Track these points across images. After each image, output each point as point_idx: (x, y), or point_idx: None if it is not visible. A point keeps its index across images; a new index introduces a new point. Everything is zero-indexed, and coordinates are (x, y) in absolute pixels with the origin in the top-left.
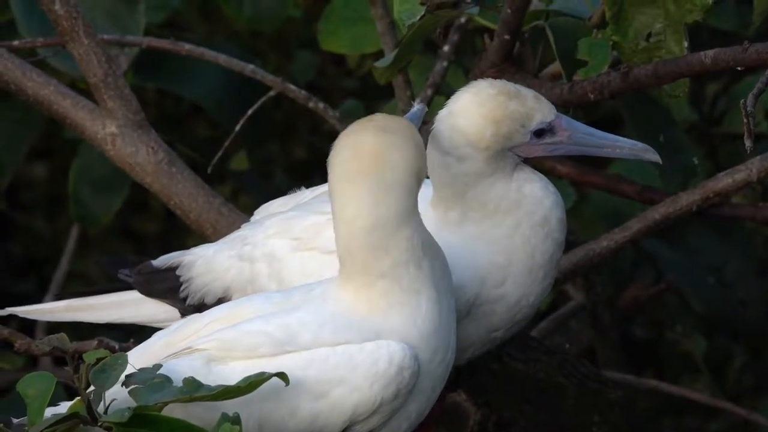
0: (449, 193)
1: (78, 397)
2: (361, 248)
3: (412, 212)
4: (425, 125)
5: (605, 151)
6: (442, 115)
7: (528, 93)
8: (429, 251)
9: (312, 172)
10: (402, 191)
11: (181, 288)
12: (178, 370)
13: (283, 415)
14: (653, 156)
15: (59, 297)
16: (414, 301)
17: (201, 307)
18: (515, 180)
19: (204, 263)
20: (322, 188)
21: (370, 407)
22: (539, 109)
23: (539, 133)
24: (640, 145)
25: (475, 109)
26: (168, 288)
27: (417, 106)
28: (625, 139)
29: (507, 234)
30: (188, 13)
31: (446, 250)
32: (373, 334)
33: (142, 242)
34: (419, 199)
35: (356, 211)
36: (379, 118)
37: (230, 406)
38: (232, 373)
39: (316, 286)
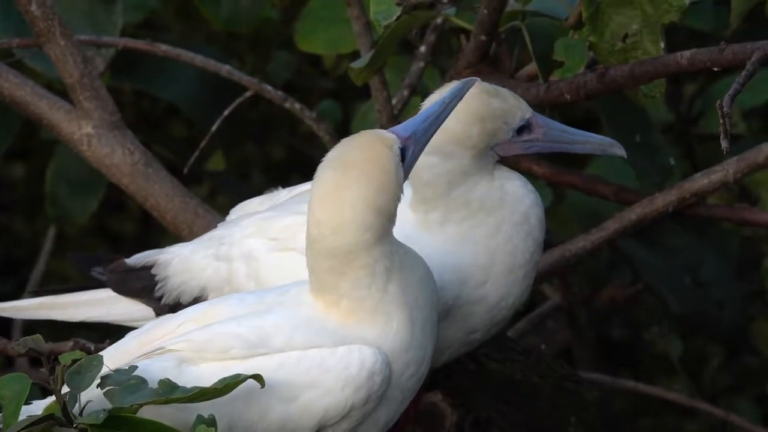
0: (431, 194)
1: (53, 399)
2: (322, 269)
3: (373, 243)
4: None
5: (577, 147)
6: None
7: (505, 91)
8: (400, 273)
9: (289, 172)
10: (358, 227)
11: (157, 287)
12: (150, 370)
13: (253, 417)
14: (619, 150)
15: (34, 294)
16: (382, 320)
17: (176, 306)
18: (497, 178)
19: (180, 262)
20: (299, 188)
21: (341, 411)
22: (519, 107)
23: (520, 130)
24: (607, 140)
25: (461, 107)
26: (143, 287)
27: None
28: (595, 135)
29: (489, 234)
30: (165, 14)
31: (426, 253)
32: (346, 339)
33: (119, 242)
34: None
35: (316, 236)
36: (354, 145)
37: (200, 407)
38: (204, 375)
39: (290, 288)
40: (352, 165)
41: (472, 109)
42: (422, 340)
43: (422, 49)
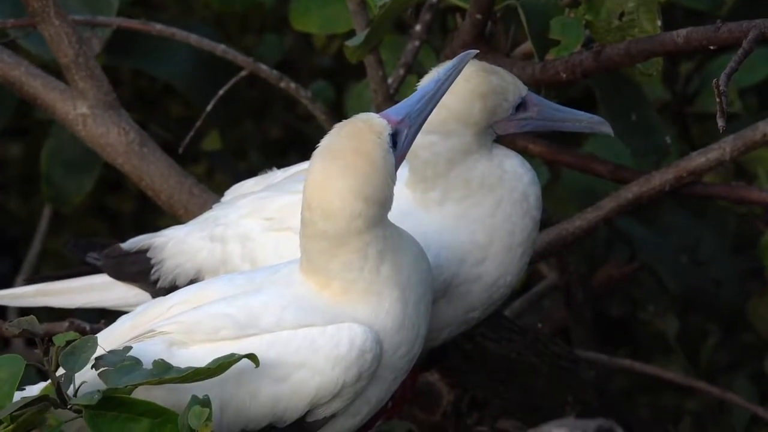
0: (430, 173)
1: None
2: (313, 250)
3: (365, 229)
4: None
5: (567, 126)
6: None
7: (501, 69)
8: (393, 254)
9: (286, 150)
10: (347, 215)
11: (152, 270)
12: (141, 353)
13: (244, 398)
14: (606, 128)
15: (29, 281)
16: (374, 300)
17: (172, 289)
18: (496, 156)
19: (175, 245)
20: (294, 168)
21: (332, 390)
22: (516, 84)
23: (518, 107)
24: (595, 118)
25: (462, 84)
26: (138, 271)
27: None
28: (583, 113)
29: (489, 212)
30: None
31: (423, 231)
32: (337, 318)
33: (116, 221)
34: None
35: (308, 220)
36: (343, 133)
37: (192, 388)
38: (194, 356)
39: (281, 268)
40: (340, 155)
41: (472, 86)
42: (415, 320)
43: (417, 28)
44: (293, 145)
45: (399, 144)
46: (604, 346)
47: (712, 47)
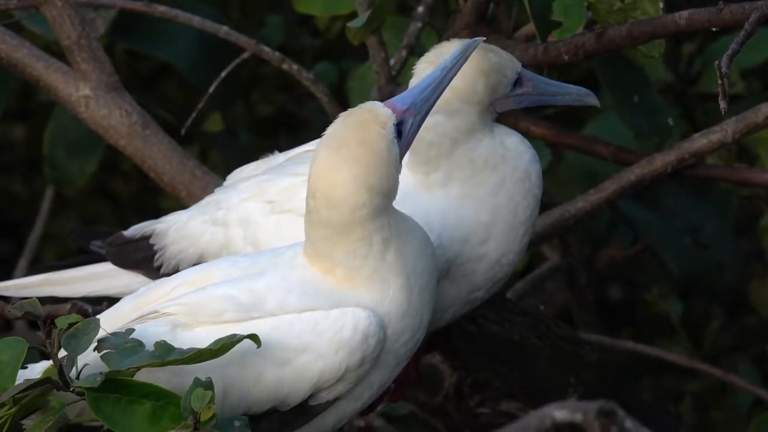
0: (434, 154)
1: (49, 362)
2: (317, 237)
3: (369, 218)
4: (399, 87)
5: (559, 99)
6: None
7: (495, 47)
8: (398, 240)
9: (277, 130)
10: (351, 205)
11: (156, 256)
12: (144, 335)
13: (247, 381)
14: (592, 99)
15: (33, 268)
16: (379, 287)
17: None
18: (497, 135)
19: (177, 230)
20: (295, 151)
21: (335, 374)
22: (512, 60)
23: (516, 83)
24: (583, 90)
25: (466, 64)
26: (142, 258)
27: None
28: (573, 86)
29: (492, 191)
30: None
31: (426, 212)
32: (341, 302)
33: (118, 203)
34: None
35: (312, 207)
36: (348, 123)
37: (195, 371)
38: (198, 338)
39: (285, 251)
40: (344, 145)
41: (475, 64)
42: (419, 308)
43: (420, 9)
44: (283, 125)
45: (404, 133)
46: (606, 328)
47: (714, 29)
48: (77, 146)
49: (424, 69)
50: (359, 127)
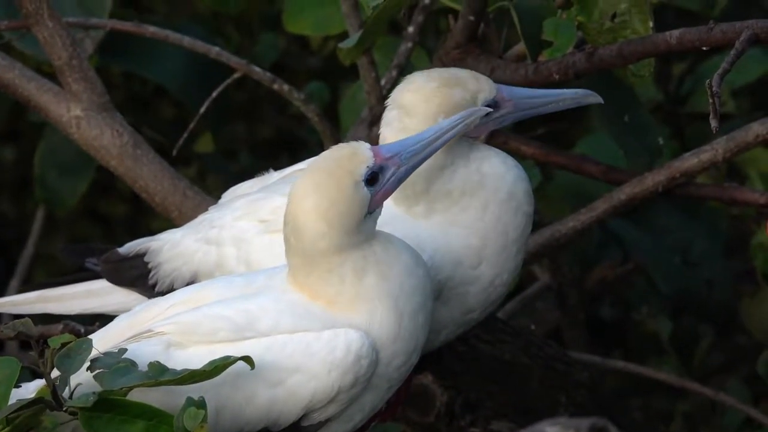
0: (410, 192)
1: (42, 380)
2: (292, 265)
3: (331, 251)
4: (374, 127)
5: (550, 108)
6: (390, 118)
7: (465, 75)
8: (377, 266)
9: (278, 152)
10: (311, 235)
11: (150, 274)
12: (138, 354)
13: (240, 401)
14: (594, 98)
15: (25, 287)
16: (366, 310)
17: (171, 292)
18: (473, 161)
19: (171, 248)
20: (289, 170)
21: (328, 395)
22: (481, 89)
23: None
24: (581, 91)
25: (422, 107)
26: (137, 276)
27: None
28: (566, 90)
29: (477, 216)
30: None
31: (417, 235)
32: (334, 323)
33: (109, 224)
34: None
35: (285, 234)
36: (327, 155)
37: (188, 390)
38: (191, 358)
39: (280, 271)
40: (317, 174)
41: (434, 106)
42: (413, 330)
43: (410, 29)
44: (284, 146)
45: (381, 179)
46: (596, 347)
47: (705, 48)
48: (68, 167)
49: (393, 117)
50: (335, 161)
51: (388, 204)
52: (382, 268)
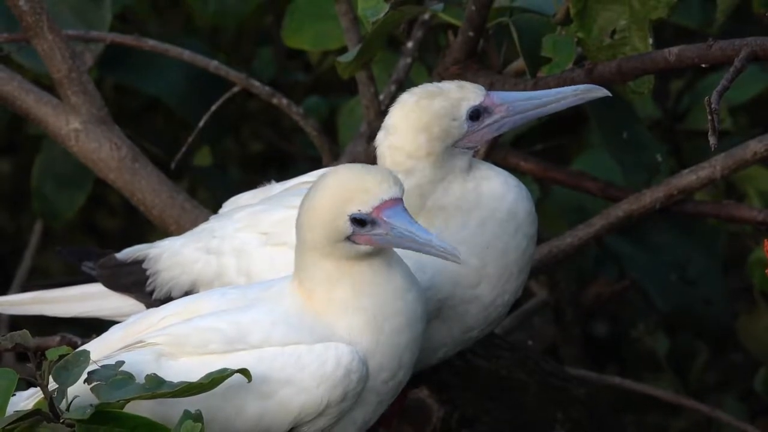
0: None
1: (37, 390)
2: (297, 263)
3: (317, 256)
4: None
5: (551, 108)
6: (380, 137)
7: (450, 85)
8: (361, 286)
9: (267, 167)
10: (305, 246)
11: (148, 282)
12: (129, 364)
13: (230, 413)
14: (599, 91)
15: (24, 289)
16: (345, 320)
17: (168, 301)
18: (471, 179)
19: (170, 256)
20: (291, 182)
21: (317, 408)
22: (464, 97)
23: (474, 117)
24: (582, 86)
25: (403, 123)
26: (133, 282)
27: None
28: (566, 88)
29: (475, 233)
30: (141, 9)
31: (415, 254)
32: (325, 336)
33: (105, 238)
34: None
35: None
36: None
37: (179, 402)
38: (182, 369)
39: (274, 284)
40: (306, 198)
41: (412, 121)
42: (394, 349)
43: (409, 45)
44: (273, 161)
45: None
46: (593, 363)
47: (703, 65)
48: (66, 179)
49: (380, 137)
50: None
51: None
52: (361, 283)
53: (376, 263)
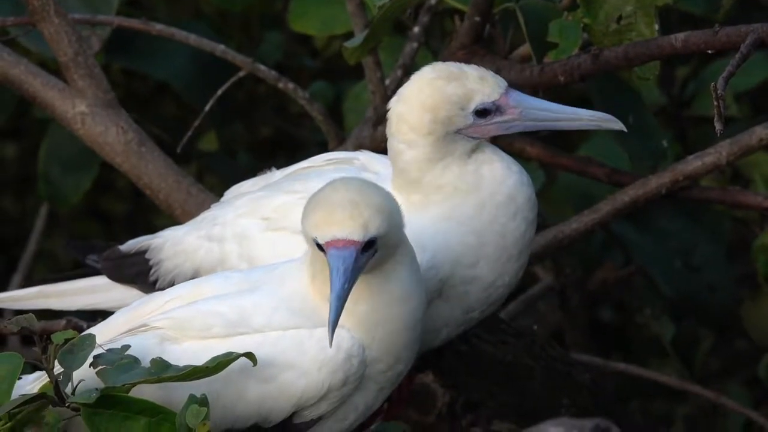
0: (407, 179)
1: (43, 373)
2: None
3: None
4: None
5: (562, 124)
6: (392, 102)
7: (472, 73)
8: (370, 295)
9: (275, 152)
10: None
11: (151, 271)
12: (132, 348)
13: (231, 397)
14: (616, 124)
15: (28, 284)
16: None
17: None
18: (473, 162)
19: (173, 245)
20: (292, 168)
21: (318, 393)
22: (480, 90)
23: (482, 114)
24: (599, 114)
25: (414, 95)
26: (137, 272)
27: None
28: (584, 110)
29: (473, 213)
30: None
31: (419, 233)
32: (326, 321)
33: (110, 222)
34: (383, 181)
35: None
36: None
37: (180, 385)
38: (185, 352)
39: (277, 267)
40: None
41: (423, 97)
42: (389, 346)
43: (416, 30)
44: (282, 146)
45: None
46: (598, 349)
47: (709, 51)
48: (72, 163)
49: (391, 103)
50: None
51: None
52: (359, 289)
53: (376, 272)
